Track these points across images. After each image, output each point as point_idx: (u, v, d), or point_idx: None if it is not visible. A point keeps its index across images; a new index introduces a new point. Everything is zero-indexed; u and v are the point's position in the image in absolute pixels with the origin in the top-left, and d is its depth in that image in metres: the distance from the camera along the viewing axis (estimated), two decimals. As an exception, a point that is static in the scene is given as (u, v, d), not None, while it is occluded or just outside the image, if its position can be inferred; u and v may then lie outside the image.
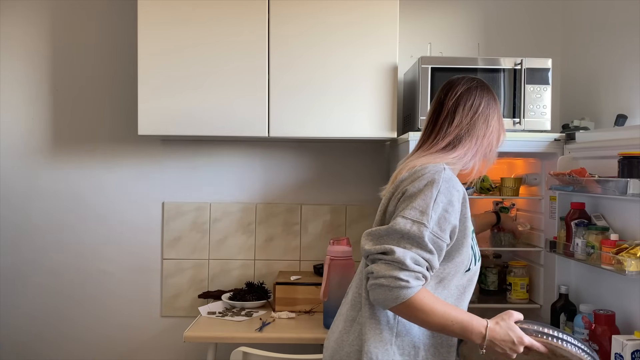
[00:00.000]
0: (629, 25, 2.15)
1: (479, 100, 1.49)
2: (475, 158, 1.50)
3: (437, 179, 1.36)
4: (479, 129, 1.48)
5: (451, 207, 1.35)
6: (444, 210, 1.33)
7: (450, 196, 1.35)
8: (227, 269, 2.76)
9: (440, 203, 1.33)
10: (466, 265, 1.42)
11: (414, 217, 1.31)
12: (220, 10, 2.38)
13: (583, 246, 1.90)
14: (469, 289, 1.47)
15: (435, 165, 1.41)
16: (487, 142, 1.50)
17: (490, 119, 1.50)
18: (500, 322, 1.35)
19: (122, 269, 2.75)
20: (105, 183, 2.75)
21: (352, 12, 2.38)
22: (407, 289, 1.27)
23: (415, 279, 1.28)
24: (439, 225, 1.32)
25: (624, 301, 1.85)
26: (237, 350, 1.86)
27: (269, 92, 2.38)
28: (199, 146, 2.76)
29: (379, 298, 1.30)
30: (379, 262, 1.31)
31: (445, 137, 1.47)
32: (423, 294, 1.29)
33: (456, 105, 1.48)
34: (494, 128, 1.51)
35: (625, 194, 1.69)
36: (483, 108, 1.49)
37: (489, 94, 1.53)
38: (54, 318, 2.75)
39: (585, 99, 2.47)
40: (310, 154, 2.78)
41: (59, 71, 2.73)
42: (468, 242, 1.42)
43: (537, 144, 2.21)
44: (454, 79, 1.55)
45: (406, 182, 1.40)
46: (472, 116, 1.48)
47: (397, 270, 1.27)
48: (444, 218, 1.33)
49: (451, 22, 2.74)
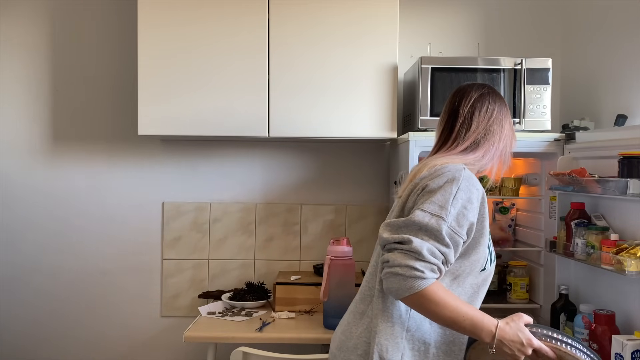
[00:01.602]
0: (629, 25, 2.15)
1: (493, 106, 1.55)
2: (493, 160, 1.55)
3: (458, 176, 1.38)
4: (494, 133, 1.53)
5: (470, 204, 1.37)
6: (463, 207, 1.35)
7: (470, 194, 1.38)
8: (227, 269, 2.76)
9: (460, 199, 1.35)
10: (482, 264, 1.44)
11: (433, 211, 1.33)
12: (220, 10, 2.38)
13: (583, 246, 1.90)
14: (483, 289, 1.48)
15: (455, 165, 1.44)
16: (502, 145, 1.55)
17: (504, 122, 1.56)
18: (510, 323, 1.35)
19: (122, 269, 2.75)
20: (105, 183, 2.75)
21: (352, 12, 2.38)
22: (421, 280, 1.27)
23: (431, 271, 1.29)
24: (457, 220, 1.34)
25: (624, 301, 1.85)
26: (237, 350, 1.85)
27: (269, 92, 2.38)
28: (199, 146, 2.76)
29: (393, 287, 1.30)
30: (396, 251, 1.31)
31: (464, 141, 1.51)
32: (437, 286, 1.30)
33: (472, 111, 1.53)
34: (508, 131, 1.57)
35: (625, 194, 1.69)
36: (497, 113, 1.54)
37: (500, 99, 1.58)
38: (54, 318, 2.75)
39: (585, 99, 2.47)
40: (310, 154, 2.78)
41: (59, 71, 2.73)
42: (485, 242, 1.43)
43: (537, 144, 2.21)
44: (465, 86, 1.59)
45: (426, 179, 1.42)
46: (488, 121, 1.53)
47: (413, 259, 1.28)
48: (462, 214, 1.35)
49: (451, 22, 2.74)
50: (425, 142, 2.15)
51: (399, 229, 1.35)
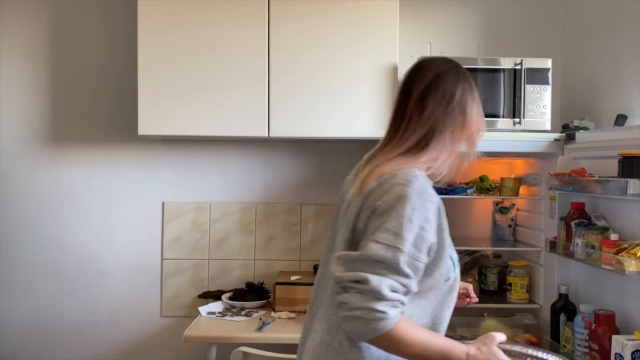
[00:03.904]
0: (629, 25, 2.15)
1: (454, 87, 1.29)
2: (452, 156, 1.31)
3: (409, 193, 1.19)
4: (454, 121, 1.28)
5: (427, 223, 1.21)
6: (420, 229, 1.19)
7: (426, 212, 1.21)
8: (227, 269, 2.76)
9: (416, 221, 1.19)
10: (445, 276, 1.29)
11: (388, 241, 1.17)
12: (221, 10, 2.38)
13: (583, 246, 1.90)
14: (450, 297, 1.32)
15: (405, 173, 1.24)
16: (465, 136, 1.31)
17: (468, 108, 1.30)
18: (481, 348, 1.24)
19: (122, 268, 2.75)
20: (105, 183, 2.75)
21: (352, 13, 2.38)
22: (385, 320, 1.14)
23: (393, 307, 1.15)
24: (415, 246, 1.19)
25: (624, 301, 1.85)
26: (237, 350, 1.86)
27: (269, 92, 2.38)
28: (199, 146, 2.76)
29: (355, 330, 1.17)
30: (352, 291, 1.16)
31: (415, 132, 1.28)
32: (402, 324, 1.17)
33: (426, 92, 1.28)
34: (473, 119, 1.31)
35: (625, 194, 1.69)
36: (460, 96, 1.29)
37: (465, 78, 1.32)
38: (54, 318, 2.74)
39: (585, 99, 2.47)
40: (310, 154, 2.78)
41: (59, 71, 2.73)
42: (446, 254, 1.28)
43: (537, 144, 2.21)
44: (424, 61, 1.34)
45: (375, 195, 1.23)
46: (447, 106, 1.28)
47: (373, 301, 1.14)
48: (420, 237, 1.19)
49: (451, 22, 2.74)
50: (425, 142, 2.15)
51: (353, 263, 1.18)
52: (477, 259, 2.54)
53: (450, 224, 1.31)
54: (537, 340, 2.22)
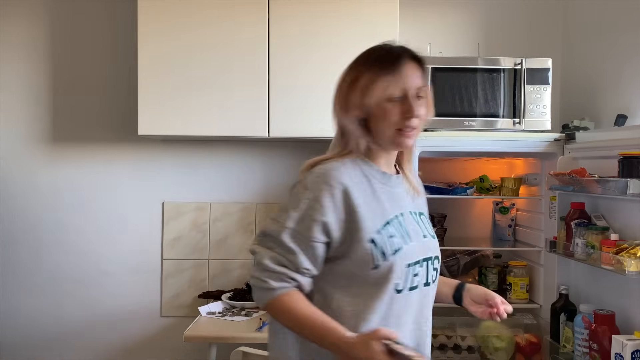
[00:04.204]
0: (629, 25, 2.15)
1: (348, 69, 1.38)
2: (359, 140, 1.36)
3: (306, 177, 1.30)
4: (352, 100, 1.32)
5: (316, 203, 1.23)
6: (308, 207, 1.23)
7: (317, 192, 1.24)
8: (227, 269, 2.75)
9: (304, 200, 1.24)
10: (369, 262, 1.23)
11: (277, 217, 1.26)
12: (221, 10, 2.38)
13: (583, 246, 1.90)
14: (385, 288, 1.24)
15: (321, 166, 1.33)
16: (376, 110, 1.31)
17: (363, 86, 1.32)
18: (362, 338, 1.16)
19: (122, 268, 2.75)
20: (105, 183, 2.75)
21: (352, 13, 2.38)
22: (268, 290, 1.22)
23: (278, 280, 1.21)
24: (301, 222, 1.23)
25: (624, 301, 1.85)
26: (237, 350, 1.85)
27: (269, 92, 2.38)
28: (199, 146, 2.76)
29: (254, 298, 1.28)
30: (254, 262, 1.27)
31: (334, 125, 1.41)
32: (287, 298, 1.21)
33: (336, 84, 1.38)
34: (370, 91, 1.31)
35: (625, 194, 1.69)
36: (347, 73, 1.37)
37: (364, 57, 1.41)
38: (54, 318, 2.74)
39: (585, 99, 2.47)
40: (310, 154, 2.74)
41: (59, 71, 2.73)
42: (362, 237, 1.24)
43: (537, 144, 2.21)
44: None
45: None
46: (348, 90, 1.34)
47: (259, 271, 1.23)
48: (307, 215, 1.23)
49: (451, 22, 2.74)
50: (425, 142, 2.15)
51: (258, 238, 1.29)
52: (477, 258, 2.54)
53: (450, 224, 1.30)
54: (537, 340, 2.23)
